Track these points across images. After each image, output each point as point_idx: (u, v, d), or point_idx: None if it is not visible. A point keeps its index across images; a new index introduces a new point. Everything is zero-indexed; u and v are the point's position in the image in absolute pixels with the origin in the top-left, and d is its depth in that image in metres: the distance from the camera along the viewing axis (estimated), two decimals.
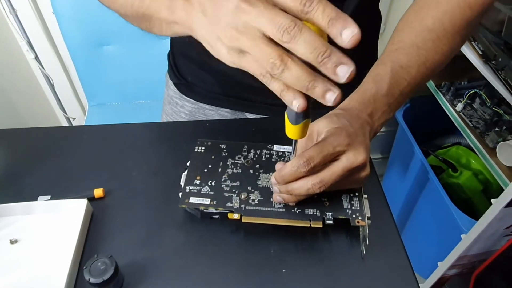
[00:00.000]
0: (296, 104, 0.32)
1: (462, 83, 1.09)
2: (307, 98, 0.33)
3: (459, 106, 1.04)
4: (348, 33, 0.29)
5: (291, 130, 0.37)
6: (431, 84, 1.11)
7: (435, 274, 1.05)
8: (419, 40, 0.49)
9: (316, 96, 0.32)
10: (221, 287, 0.42)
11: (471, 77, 1.09)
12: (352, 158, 0.40)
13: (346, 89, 0.43)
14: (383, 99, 0.47)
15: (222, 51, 0.33)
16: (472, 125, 1.00)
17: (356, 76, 0.43)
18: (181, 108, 0.74)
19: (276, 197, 0.43)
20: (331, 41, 0.31)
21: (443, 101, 1.07)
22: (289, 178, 0.40)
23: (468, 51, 0.94)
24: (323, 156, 0.39)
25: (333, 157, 0.40)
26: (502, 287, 0.91)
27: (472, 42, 0.95)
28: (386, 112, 0.47)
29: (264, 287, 0.42)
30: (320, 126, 0.43)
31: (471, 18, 0.50)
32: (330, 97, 0.31)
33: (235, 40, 0.32)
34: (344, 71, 0.30)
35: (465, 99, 1.04)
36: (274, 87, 0.33)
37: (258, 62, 0.32)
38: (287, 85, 0.32)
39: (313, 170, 0.39)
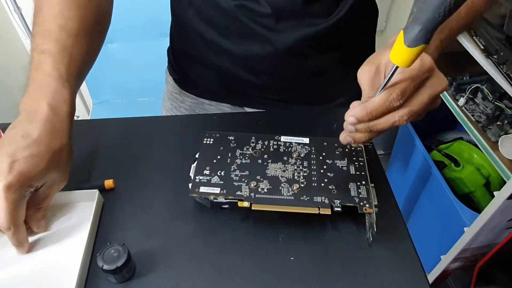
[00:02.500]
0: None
1: (464, 78, 1.10)
2: None
3: (461, 101, 1.05)
4: None
5: (401, 54, 0.33)
6: None
7: (438, 267, 1.06)
8: None
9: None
10: (230, 274, 0.43)
11: (473, 72, 1.09)
12: (436, 84, 0.38)
13: (347, 81, 0.44)
14: (436, 34, 0.46)
15: None
16: (474, 120, 1.01)
17: (354, 71, 0.44)
18: (181, 104, 0.75)
19: (346, 138, 0.40)
20: None
21: (445, 96, 1.08)
22: (378, 114, 0.37)
23: (470, 46, 0.95)
24: (415, 86, 0.37)
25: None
26: (504, 279, 0.92)
27: (474, 37, 0.96)
28: (438, 47, 0.45)
29: (272, 274, 0.43)
30: (388, 58, 0.37)
31: None
32: None
33: None
34: None
35: (467, 93, 1.04)
36: None
37: None
38: None
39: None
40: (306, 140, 0.51)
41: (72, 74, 0.45)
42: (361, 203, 0.44)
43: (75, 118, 0.48)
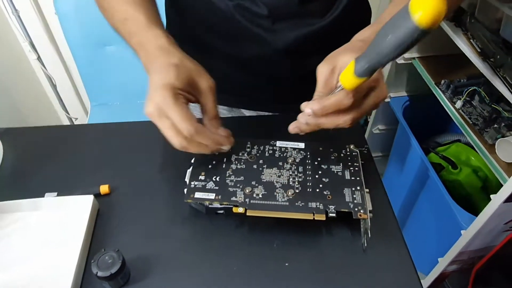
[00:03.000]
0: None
1: (461, 80, 1.10)
2: None
3: (459, 104, 1.05)
4: None
5: (349, 79, 0.38)
6: (430, 82, 1.12)
7: (436, 270, 1.05)
8: None
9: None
10: (225, 280, 0.43)
11: (470, 74, 1.09)
12: (379, 93, 0.42)
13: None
14: None
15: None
16: (471, 122, 1.01)
17: None
18: None
19: (295, 129, 0.45)
20: None
21: (443, 99, 1.08)
22: (329, 111, 0.42)
23: (467, 49, 0.95)
24: (363, 91, 0.41)
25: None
26: (501, 282, 0.92)
27: (471, 40, 0.96)
28: None
29: (267, 279, 0.43)
30: (346, 61, 0.41)
31: None
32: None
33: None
34: None
35: (464, 96, 1.04)
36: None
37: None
38: None
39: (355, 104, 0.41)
40: (301, 145, 0.52)
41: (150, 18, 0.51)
42: (356, 209, 0.44)
43: (74, 120, 0.48)
